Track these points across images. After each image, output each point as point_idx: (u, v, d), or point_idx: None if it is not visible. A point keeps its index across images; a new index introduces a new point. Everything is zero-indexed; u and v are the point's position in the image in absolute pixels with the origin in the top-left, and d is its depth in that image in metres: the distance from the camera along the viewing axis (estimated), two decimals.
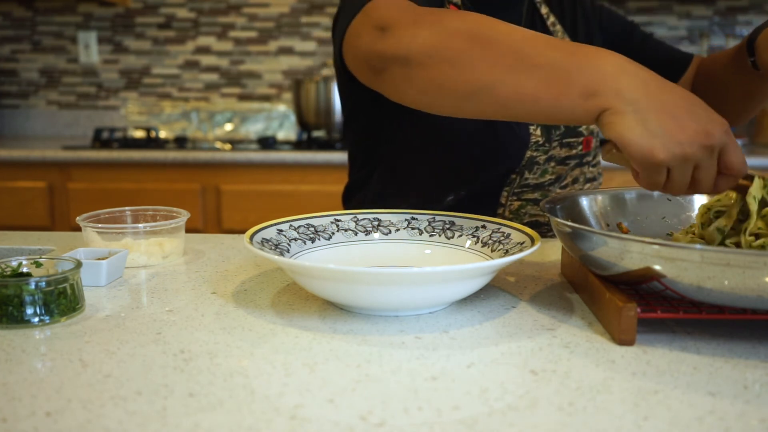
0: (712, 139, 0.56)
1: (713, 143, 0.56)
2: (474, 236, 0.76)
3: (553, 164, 1.01)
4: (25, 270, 0.65)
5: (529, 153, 0.98)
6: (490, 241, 0.73)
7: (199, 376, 0.49)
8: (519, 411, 0.44)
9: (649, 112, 0.56)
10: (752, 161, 2.15)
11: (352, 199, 1.11)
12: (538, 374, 0.50)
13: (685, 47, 2.73)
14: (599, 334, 0.58)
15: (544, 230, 1.04)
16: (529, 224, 1.03)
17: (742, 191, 0.62)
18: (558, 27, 1.06)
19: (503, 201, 1.01)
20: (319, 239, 0.76)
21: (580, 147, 1.02)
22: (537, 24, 1.05)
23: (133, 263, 0.79)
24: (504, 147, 0.97)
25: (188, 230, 0.88)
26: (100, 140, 2.49)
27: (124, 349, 0.54)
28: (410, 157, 1.00)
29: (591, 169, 1.07)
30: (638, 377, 0.50)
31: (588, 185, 1.07)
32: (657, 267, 0.54)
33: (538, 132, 0.98)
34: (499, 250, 0.71)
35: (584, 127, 1.02)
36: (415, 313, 0.63)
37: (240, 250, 0.89)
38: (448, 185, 0.99)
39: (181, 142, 2.54)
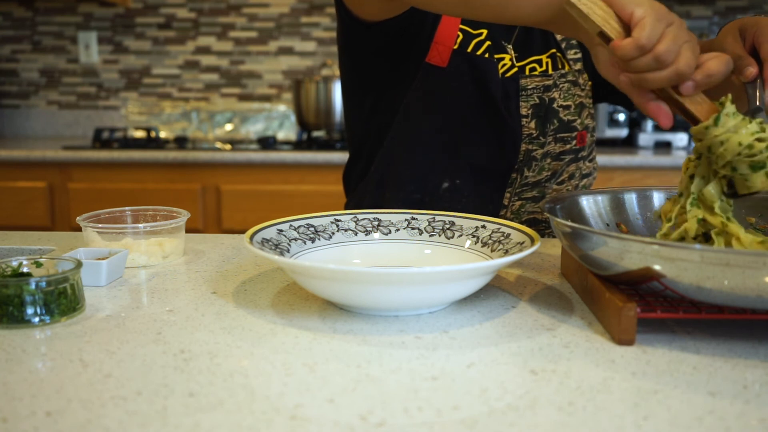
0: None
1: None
2: (474, 236, 0.76)
3: (549, 160, 1.01)
4: (25, 270, 0.65)
5: (524, 146, 0.99)
6: (489, 241, 0.73)
7: (199, 376, 0.49)
8: (519, 411, 0.44)
9: None
10: None
11: (354, 189, 1.11)
12: (538, 374, 0.50)
13: None
14: (599, 334, 0.58)
15: (542, 228, 1.05)
16: (527, 222, 1.04)
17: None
18: None
19: (506, 202, 1.01)
20: (319, 239, 0.76)
21: (574, 142, 1.03)
22: None
23: (133, 263, 0.79)
24: (497, 135, 0.98)
25: (188, 230, 0.88)
26: (100, 140, 2.49)
27: (124, 349, 0.55)
28: (406, 142, 1.01)
29: (587, 164, 1.08)
30: (638, 377, 0.50)
31: (584, 180, 1.08)
32: (657, 267, 0.54)
33: (532, 125, 0.99)
34: (498, 250, 0.71)
35: (578, 122, 1.03)
36: (415, 313, 0.63)
37: (240, 250, 0.89)
38: (442, 171, 1.00)
39: (181, 142, 2.54)
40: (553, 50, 1.03)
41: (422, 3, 0.79)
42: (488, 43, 0.98)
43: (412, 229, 0.79)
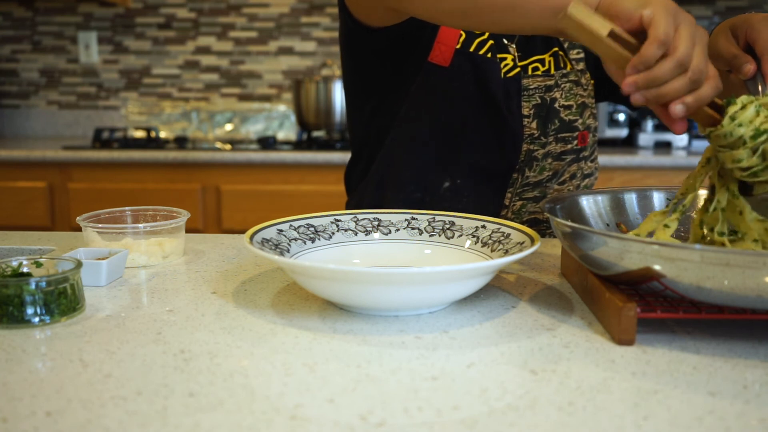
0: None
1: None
2: (474, 236, 0.76)
3: (550, 160, 1.01)
4: (25, 270, 0.65)
5: (526, 146, 0.99)
6: (489, 241, 0.73)
7: (199, 376, 0.49)
8: (519, 411, 0.44)
9: None
10: None
11: (355, 189, 1.12)
12: (538, 374, 0.50)
13: None
14: (599, 334, 0.58)
15: (543, 228, 1.05)
16: (528, 222, 1.04)
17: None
18: None
19: (506, 203, 1.01)
20: (319, 239, 0.76)
21: (575, 142, 1.03)
22: None
23: (133, 263, 0.79)
24: (498, 135, 0.98)
25: (188, 230, 0.88)
26: (100, 140, 2.49)
27: (124, 349, 0.55)
28: (407, 142, 1.01)
29: (588, 164, 1.08)
30: (638, 377, 0.50)
31: (586, 180, 1.08)
32: (657, 267, 0.54)
33: (534, 125, 0.99)
34: (498, 250, 0.71)
35: (580, 122, 1.03)
36: (415, 313, 0.63)
37: (240, 250, 0.89)
38: (443, 171, 1.00)
39: (181, 142, 2.54)
40: (555, 49, 1.03)
41: (427, 16, 0.81)
42: (491, 42, 0.98)
43: (412, 229, 0.79)
